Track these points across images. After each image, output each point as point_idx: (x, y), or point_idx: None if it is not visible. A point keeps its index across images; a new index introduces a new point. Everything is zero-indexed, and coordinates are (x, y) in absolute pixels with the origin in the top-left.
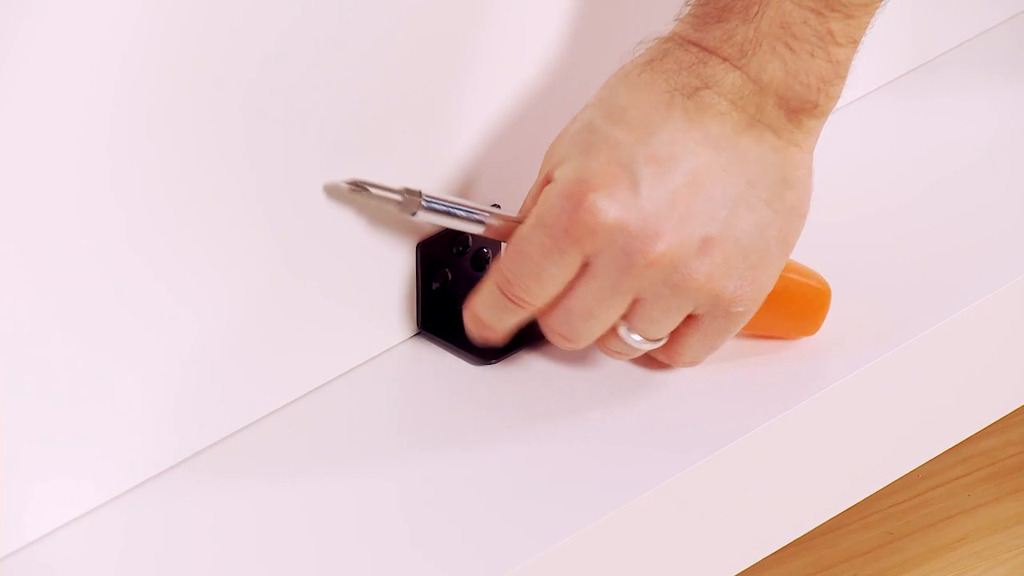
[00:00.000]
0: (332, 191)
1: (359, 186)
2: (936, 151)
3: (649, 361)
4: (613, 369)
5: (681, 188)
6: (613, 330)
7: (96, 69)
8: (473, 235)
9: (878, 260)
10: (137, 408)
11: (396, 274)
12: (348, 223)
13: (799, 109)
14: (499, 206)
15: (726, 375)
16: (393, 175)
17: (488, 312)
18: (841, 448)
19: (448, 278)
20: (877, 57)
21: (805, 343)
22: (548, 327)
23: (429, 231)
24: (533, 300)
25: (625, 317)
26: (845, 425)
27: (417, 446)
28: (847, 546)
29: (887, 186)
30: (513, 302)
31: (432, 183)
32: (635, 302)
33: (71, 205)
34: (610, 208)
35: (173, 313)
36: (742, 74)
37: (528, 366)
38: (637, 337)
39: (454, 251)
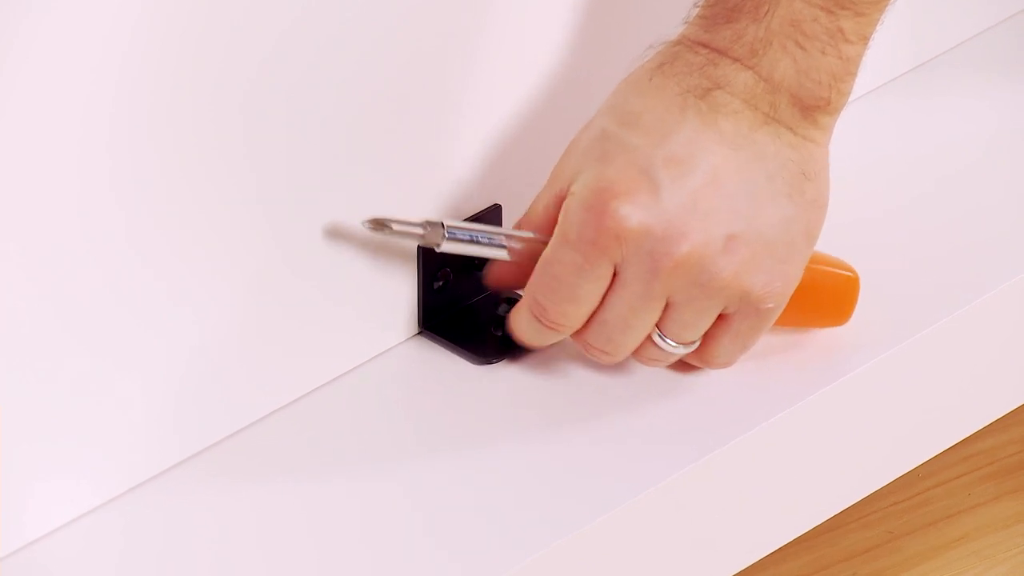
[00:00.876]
0: (350, 229)
1: (379, 224)
2: (936, 151)
3: (681, 365)
4: (614, 368)
5: (701, 188)
6: (647, 338)
7: (96, 69)
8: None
9: (877, 260)
10: (137, 408)
11: (397, 273)
12: (349, 223)
13: (812, 106)
14: (500, 207)
15: (723, 375)
16: (394, 176)
17: (527, 336)
18: (841, 447)
19: (450, 277)
20: (877, 56)
21: (803, 342)
22: (586, 343)
23: None
24: (570, 323)
25: (658, 324)
26: (845, 424)
27: (418, 446)
28: (847, 545)
29: (886, 186)
30: (551, 328)
31: (433, 183)
32: (667, 307)
33: (71, 205)
34: (633, 214)
35: (173, 313)
36: (753, 74)
37: (529, 366)
38: (671, 342)
39: None
